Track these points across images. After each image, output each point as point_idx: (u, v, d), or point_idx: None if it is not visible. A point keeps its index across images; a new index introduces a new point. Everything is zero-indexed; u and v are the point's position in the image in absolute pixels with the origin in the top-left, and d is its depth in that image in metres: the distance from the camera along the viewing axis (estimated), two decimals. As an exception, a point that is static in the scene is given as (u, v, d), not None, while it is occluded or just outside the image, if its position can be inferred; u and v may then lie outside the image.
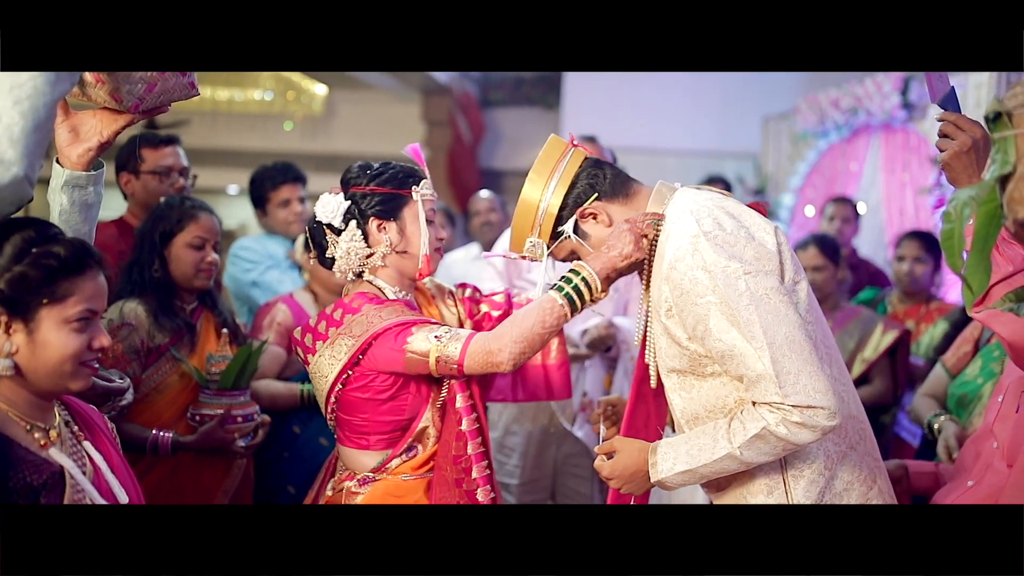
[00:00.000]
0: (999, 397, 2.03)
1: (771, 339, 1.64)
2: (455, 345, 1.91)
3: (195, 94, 1.76)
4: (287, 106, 8.83)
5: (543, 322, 1.89)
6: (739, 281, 1.66)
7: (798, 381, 1.63)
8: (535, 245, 1.88)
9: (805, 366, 1.64)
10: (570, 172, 1.86)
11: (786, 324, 1.65)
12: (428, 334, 1.93)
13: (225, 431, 2.39)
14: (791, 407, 1.63)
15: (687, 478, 1.76)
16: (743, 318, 1.65)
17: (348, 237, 2.04)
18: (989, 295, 1.76)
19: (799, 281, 1.78)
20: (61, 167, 1.69)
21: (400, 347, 1.94)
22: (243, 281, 3.47)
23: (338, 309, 2.03)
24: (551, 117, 8.54)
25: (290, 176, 3.51)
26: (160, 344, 2.45)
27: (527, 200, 1.86)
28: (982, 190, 1.23)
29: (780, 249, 1.76)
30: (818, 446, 1.75)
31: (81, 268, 1.45)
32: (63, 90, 1.47)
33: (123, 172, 2.98)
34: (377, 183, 2.04)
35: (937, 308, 3.91)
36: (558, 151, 1.88)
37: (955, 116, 1.81)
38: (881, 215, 5.90)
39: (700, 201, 1.79)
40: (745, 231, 1.74)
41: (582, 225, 1.86)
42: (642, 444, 1.82)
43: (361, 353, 1.96)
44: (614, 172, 1.89)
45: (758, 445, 1.67)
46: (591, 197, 1.85)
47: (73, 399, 1.57)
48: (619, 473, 1.81)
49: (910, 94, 5.65)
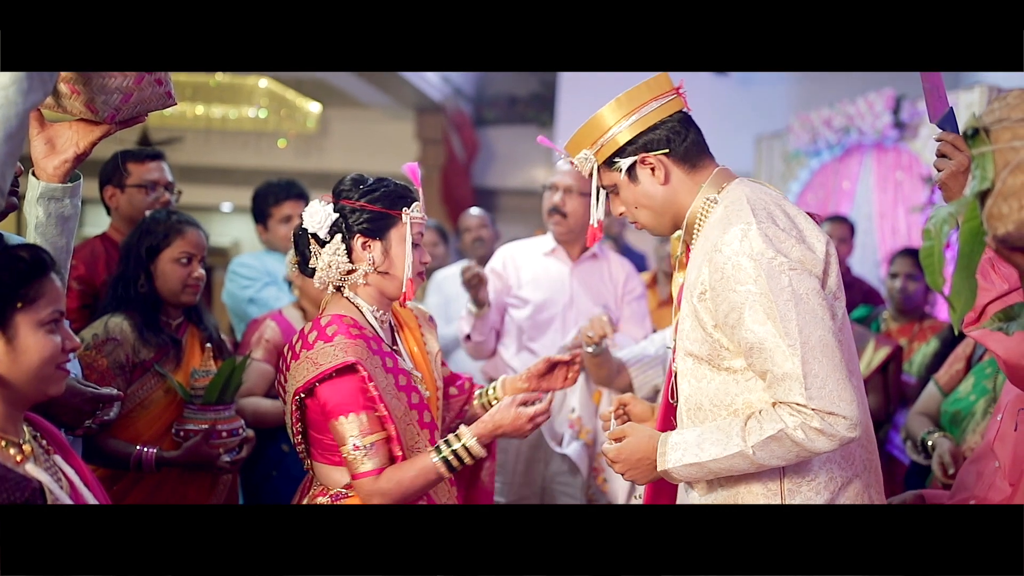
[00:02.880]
0: (998, 416, 2.01)
1: (805, 339, 1.61)
2: (367, 464, 1.89)
3: (172, 103, 1.74)
4: (280, 124, 8.83)
5: (424, 478, 1.92)
6: (783, 275, 1.64)
7: (825, 386, 1.60)
8: (587, 160, 1.87)
9: (834, 372, 1.61)
10: (657, 116, 1.82)
11: (821, 327, 1.63)
12: (356, 434, 1.89)
13: (210, 446, 2.36)
14: (813, 411, 1.59)
15: (694, 472, 1.73)
16: (780, 312, 1.62)
17: (331, 250, 2.00)
18: (984, 313, 1.75)
19: (839, 298, 1.75)
20: (37, 180, 1.67)
21: (331, 415, 1.92)
22: (241, 298, 3.46)
23: (313, 331, 1.97)
24: (545, 135, 8.54)
25: (294, 192, 3.51)
26: (145, 359, 2.42)
27: (602, 118, 1.84)
28: (961, 207, 1.23)
29: (828, 260, 1.73)
30: (821, 464, 1.73)
31: (44, 270, 1.44)
32: (35, 100, 1.44)
33: (108, 186, 2.96)
34: (368, 199, 2.01)
35: (930, 326, 3.90)
36: (660, 90, 1.84)
37: (953, 136, 1.82)
38: (874, 234, 5.91)
39: (759, 193, 1.78)
40: (797, 231, 1.72)
41: (638, 169, 1.83)
42: (653, 432, 1.79)
43: (317, 381, 1.93)
44: (695, 138, 1.85)
45: (772, 447, 1.63)
46: (661, 149, 1.82)
47: (33, 414, 1.55)
48: (625, 457, 1.79)
49: (902, 113, 5.68)
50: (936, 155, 1.85)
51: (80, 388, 1.92)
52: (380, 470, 1.90)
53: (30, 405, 1.48)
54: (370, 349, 1.95)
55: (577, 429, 3.04)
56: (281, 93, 8.66)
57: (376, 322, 2.04)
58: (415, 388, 2.03)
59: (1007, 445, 1.93)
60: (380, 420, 1.92)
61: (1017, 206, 1.15)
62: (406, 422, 1.97)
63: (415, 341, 2.18)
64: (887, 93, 5.72)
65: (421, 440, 2.00)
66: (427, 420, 2.03)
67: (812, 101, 6.90)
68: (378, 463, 1.90)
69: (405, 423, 1.97)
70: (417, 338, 2.18)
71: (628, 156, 1.83)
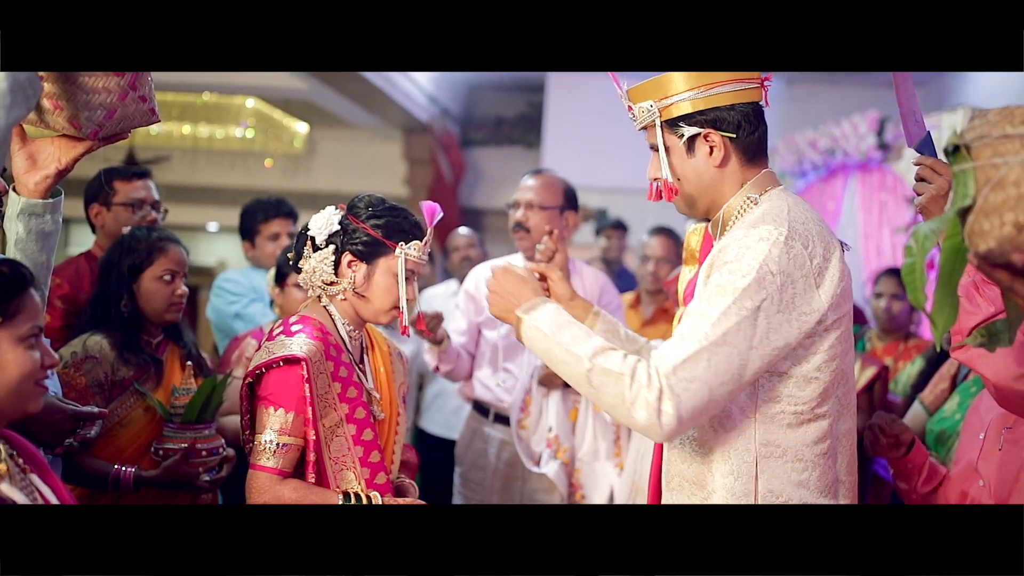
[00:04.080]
0: (980, 435, 2.01)
1: (718, 344, 1.59)
2: (271, 461, 1.92)
3: (155, 120, 1.74)
4: (268, 143, 8.84)
5: (318, 499, 1.93)
6: (763, 293, 1.61)
7: (691, 385, 1.58)
8: (650, 112, 1.78)
9: (707, 385, 1.59)
10: (734, 98, 1.75)
11: (739, 357, 1.60)
12: (276, 429, 1.93)
13: (189, 465, 2.33)
14: (662, 385, 1.58)
15: (538, 340, 1.73)
16: (728, 312, 1.60)
17: (320, 258, 2.03)
18: (971, 336, 1.75)
19: (841, 337, 1.70)
20: (18, 195, 1.66)
21: (262, 401, 1.95)
22: (226, 313, 3.44)
23: (280, 327, 2.02)
24: (531, 156, 8.58)
25: (283, 211, 3.52)
26: (124, 377, 2.39)
27: (680, 78, 1.75)
28: (943, 223, 1.23)
29: (833, 303, 1.67)
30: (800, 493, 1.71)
31: (24, 285, 1.42)
32: (18, 115, 1.43)
33: (93, 203, 2.95)
34: (371, 223, 2.03)
35: (915, 346, 3.91)
36: (744, 74, 1.76)
37: (932, 160, 1.83)
38: (858, 254, 5.94)
39: (801, 208, 1.73)
40: (817, 275, 1.65)
41: (699, 142, 1.77)
42: (540, 289, 1.82)
43: (264, 367, 1.96)
44: (762, 136, 1.80)
45: (607, 381, 1.62)
46: (728, 132, 1.75)
47: (10, 432, 1.53)
48: (506, 289, 1.80)
49: (886, 135, 5.73)
50: (915, 179, 1.85)
51: (61, 405, 1.90)
52: (283, 473, 1.93)
53: (7, 423, 1.46)
54: (327, 354, 1.97)
55: (555, 448, 3.02)
56: (268, 113, 8.67)
57: (346, 335, 2.06)
58: (364, 404, 2.03)
59: (991, 464, 1.93)
60: (305, 423, 1.94)
61: (999, 223, 1.16)
62: (336, 433, 1.97)
63: (383, 364, 2.18)
64: (871, 115, 5.77)
65: (351, 456, 1.99)
66: (366, 438, 2.01)
67: (797, 123, 6.95)
68: (280, 465, 1.93)
69: (335, 433, 1.97)
70: (386, 363, 2.19)
71: (694, 126, 1.76)
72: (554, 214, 3.13)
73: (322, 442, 1.95)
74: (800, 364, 1.69)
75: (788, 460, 1.70)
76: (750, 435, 1.71)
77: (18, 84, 1.42)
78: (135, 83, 1.66)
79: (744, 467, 1.70)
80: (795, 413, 1.70)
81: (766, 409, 1.70)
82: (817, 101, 7.47)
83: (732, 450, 1.71)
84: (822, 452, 1.71)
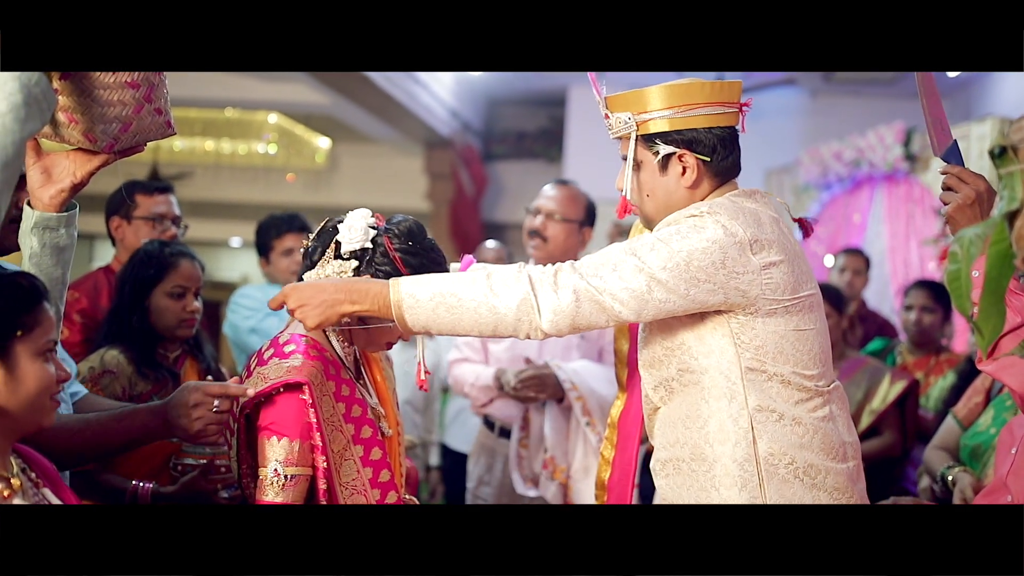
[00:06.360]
0: (1012, 449, 1.97)
1: (641, 261, 1.67)
2: (280, 495, 1.77)
3: (171, 133, 1.71)
4: (290, 159, 8.88)
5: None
6: (691, 232, 1.69)
7: (610, 280, 1.66)
8: (626, 124, 1.79)
9: (622, 279, 1.66)
10: (713, 121, 1.78)
11: (646, 266, 1.67)
12: (281, 460, 1.77)
13: (208, 481, 2.30)
14: (582, 272, 1.67)
15: (422, 294, 1.72)
16: (654, 241, 1.69)
17: (339, 269, 1.88)
18: (998, 347, 1.72)
19: (808, 304, 1.77)
20: (32, 209, 1.64)
21: (264, 431, 1.80)
22: (242, 328, 3.44)
23: (270, 349, 1.87)
24: (553, 170, 8.56)
25: (295, 226, 3.49)
26: (142, 392, 2.38)
27: (663, 94, 1.76)
28: (989, 227, 1.19)
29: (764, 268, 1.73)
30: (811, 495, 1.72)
31: (40, 298, 1.42)
32: (33, 129, 1.42)
33: (114, 217, 2.95)
34: (403, 257, 1.88)
35: (947, 359, 3.83)
36: (726, 97, 1.79)
37: (958, 169, 1.81)
38: (885, 266, 5.86)
39: (744, 202, 1.79)
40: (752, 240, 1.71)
41: (672, 161, 1.79)
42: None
43: (263, 396, 1.80)
44: (735, 160, 1.84)
45: (507, 278, 1.69)
46: (703, 154, 1.77)
47: (23, 446, 1.51)
48: (304, 294, 1.74)
49: (912, 145, 5.65)
50: (942, 188, 1.83)
51: None
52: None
53: (20, 436, 1.45)
54: (326, 373, 1.83)
55: (552, 469, 2.96)
56: (290, 128, 8.72)
57: (342, 353, 1.93)
58: (369, 421, 1.90)
59: (1021, 479, 1.89)
60: (312, 450, 1.80)
61: (1047, 227, 1.11)
62: (344, 456, 1.85)
63: (379, 374, 2.09)
64: (897, 126, 5.70)
65: (361, 479, 1.86)
66: (374, 458, 1.89)
67: (822, 134, 6.88)
68: (290, 499, 1.78)
69: (343, 457, 1.84)
70: (381, 373, 2.09)
71: (670, 144, 1.77)
72: (573, 228, 3.08)
73: (333, 469, 1.81)
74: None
75: (786, 424, 1.73)
76: (741, 401, 1.74)
77: (32, 97, 1.40)
78: (150, 95, 1.65)
79: (741, 433, 1.73)
80: (783, 383, 1.75)
81: (753, 377, 1.74)
82: (842, 112, 7.40)
83: (726, 417, 1.75)
84: (822, 417, 1.76)
